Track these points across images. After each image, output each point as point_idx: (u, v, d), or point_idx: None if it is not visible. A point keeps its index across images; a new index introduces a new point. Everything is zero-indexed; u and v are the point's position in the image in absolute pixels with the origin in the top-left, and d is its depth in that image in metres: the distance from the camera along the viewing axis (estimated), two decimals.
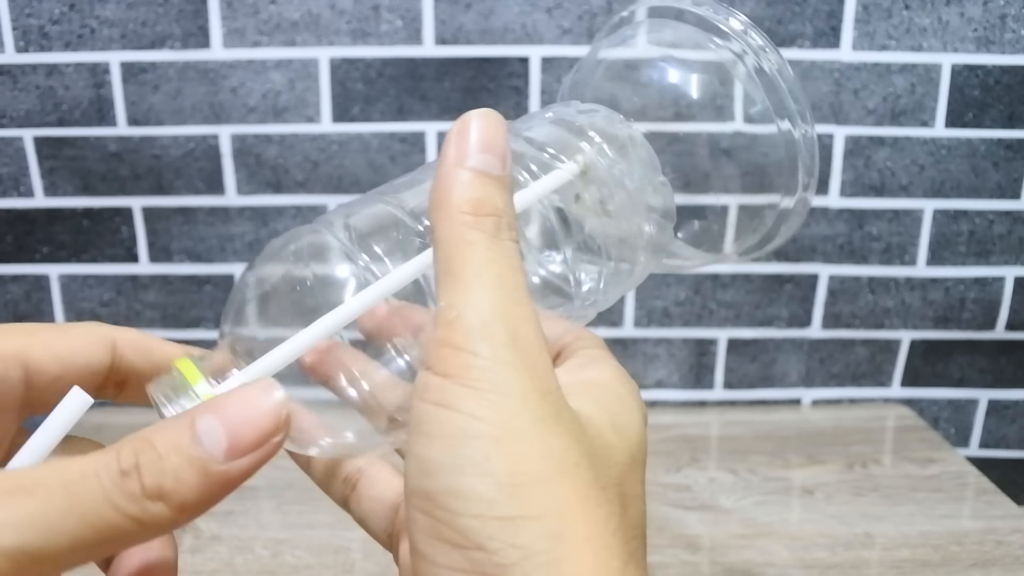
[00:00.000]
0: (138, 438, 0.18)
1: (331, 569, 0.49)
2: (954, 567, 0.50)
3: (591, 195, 0.26)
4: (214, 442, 0.18)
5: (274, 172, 0.68)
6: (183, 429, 0.18)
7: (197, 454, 0.18)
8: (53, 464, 0.17)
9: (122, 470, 0.17)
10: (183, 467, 0.17)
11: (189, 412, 0.18)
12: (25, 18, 0.64)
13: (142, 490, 0.17)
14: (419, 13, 0.65)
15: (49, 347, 0.22)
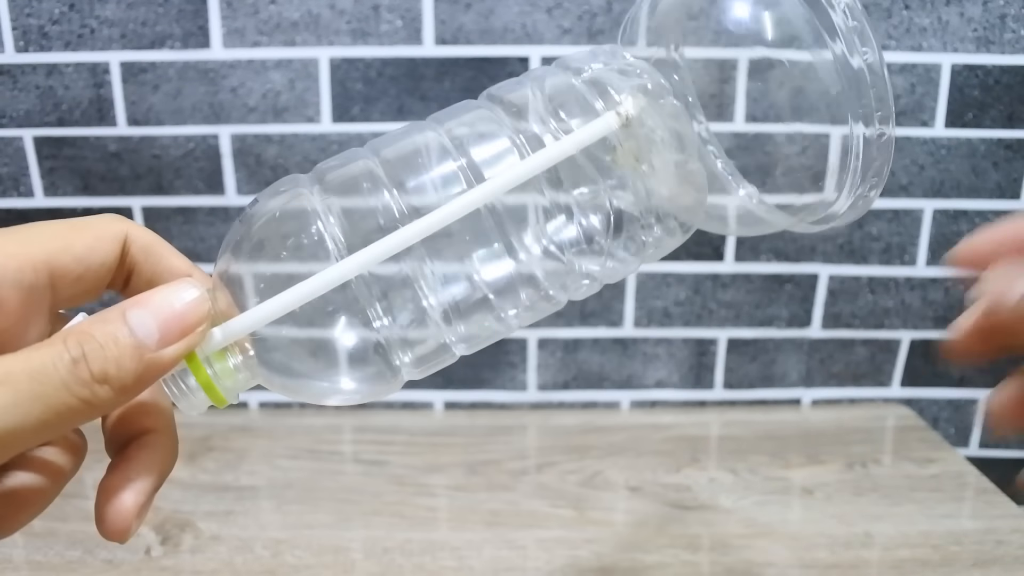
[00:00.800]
0: (77, 331, 0.20)
1: (331, 569, 0.49)
2: (954, 567, 0.50)
3: (629, 147, 0.26)
4: (147, 333, 0.21)
5: (274, 172, 0.68)
6: (117, 322, 0.21)
7: (133, 342, 0.21)
8: (17, 356, 0.19)
9: (72, 359, 0.20)
10: (123, 355, 0.20)
11: (120, 305, 0.21)
12: (25, 18, 0.64)
13: (91, 375, 0.20)
14: (419, 13, 0.65)
15: (70, 250, 0.24)
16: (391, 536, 0.53)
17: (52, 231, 0.24)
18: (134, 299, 0.22)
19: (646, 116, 0.26)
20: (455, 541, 0.52)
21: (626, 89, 0.26)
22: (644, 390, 0.74)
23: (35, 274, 0.23)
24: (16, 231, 0.23)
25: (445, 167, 0.26)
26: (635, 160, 0.26)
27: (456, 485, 0.60)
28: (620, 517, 0.56)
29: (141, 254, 0.25)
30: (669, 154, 0.26)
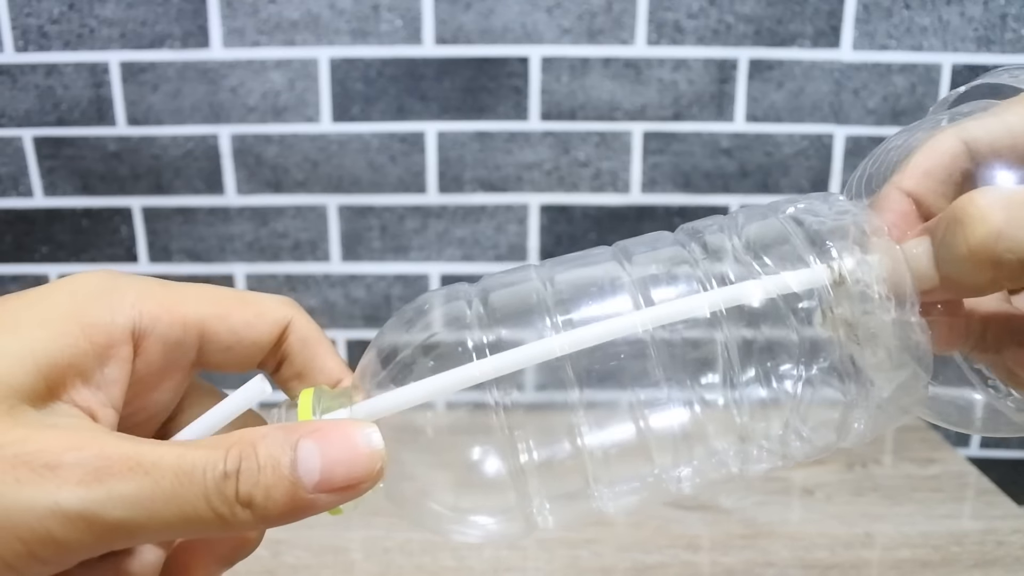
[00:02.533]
0: (245, 442, 0.19)
1: (331, 569, 0.49)
2: (954, 567, 0.50)
3: (843, 312, 0.22)
4: (309, 472, 0.19)
5: (274, 172, 0.68)
6: (285, 449, 0.19)
7: (291, 478, 0.19)
8: (174, 449, 0.19)
9: (225, 472, 0.19)
10: (276, 485, 0.19)
11: (295, 431, 0.20)
12: (24, 18, 0.64)
13: (236, 495, 0.19)
14: (419, 13, 0.65)
15: (226, 320, 0.23)
16: (391, 536, 0.53)
17: (215, 296, 0.23)
18: (313, 429, 0.20)
19: (869, 280, 0.22)
20: (455, 541, 0.52)
21: (848, 243, 0.22)
22: None
23: (184, 333, 0.22)
24: (181, 287, 0.23)
25: (614, 293, 0.23)
26: (846, 329, 0.22)
27: None
28: (620, 517, 0.56)
29: (298, 344, 0.24)
30: (890, 340, 0.22)
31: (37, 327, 0.20)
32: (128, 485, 0.18)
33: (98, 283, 0.21)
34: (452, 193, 0.69)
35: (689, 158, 0.69)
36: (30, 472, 0.17)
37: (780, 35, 0.66)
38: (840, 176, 0.69)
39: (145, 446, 0.19)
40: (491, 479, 0.22)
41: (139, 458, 0.18)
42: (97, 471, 0.18)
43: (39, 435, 0.18)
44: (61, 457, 0.18)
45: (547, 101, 0.67)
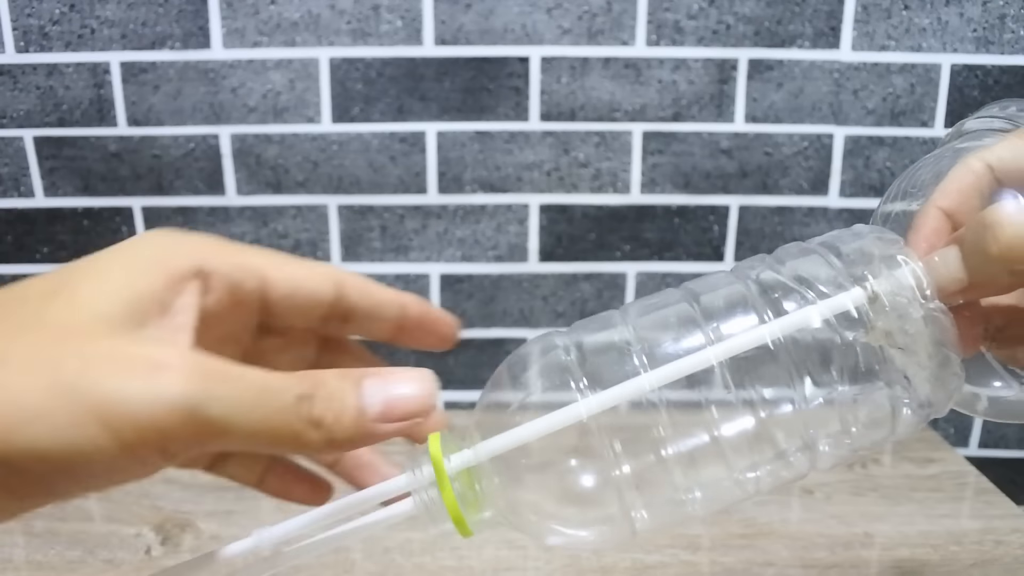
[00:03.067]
0: (317, 376, 0.22)
1: (331, 569, 0.49)
2: (953, 567, 0.50)
3: (882, 324, 0.26)
4: (373, 403, 0.23)
5: (274, 172, 0.68)
6: (352, 383, 0.23)
7: (358, 405, 0.22)
8: (256, 370, 0.21)
9: (299, 395, 0.21)
10: (344, 412, 0.22)
11: (359, 372, 0.23)
12: (25, 18, 0.64)
13: (309, 416, 0.21)
14: (419, 13, 0.65)
15: (283, 269, 0.25)
16: (391, 536, 0.53)
17: (272, 253, 0.26)
18: (375, 370, 0.23)
19: (898, 292, 0.26)
20: (455, 541, 0.52)
21: (876, 264, 0.26)
22: None
23: (244, 274, 0.25)
24: (242, 245, 0.25)
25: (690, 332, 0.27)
26: (887, 338, 0.26)
27: None
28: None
29: (356, 294, 0.27)
30: (925, 339, 0.26)
31: (122, 271, 0.22)
32: (223, 387, 0.20)
33: (167, 235, 0.24)
34: (452, 193, 0.69)
35: (689, 158, 0.69)
36: (142, 369, 0.20)
37: (780, 35, 0.66)
38: (839, 176, 0.69)
39: (231, 364, 0.21)
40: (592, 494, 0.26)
41: (229, 369, 0.21)
42: (198, 372, 0.20)
43: (143, 346, 0.21)
44: (166, 359, 0.20)
45: (547, 101, 0.67)
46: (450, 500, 0.25)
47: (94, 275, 0.22)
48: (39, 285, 0.22)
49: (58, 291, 0.21)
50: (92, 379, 0.19)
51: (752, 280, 0.28)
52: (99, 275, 0.22)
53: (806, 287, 0.27)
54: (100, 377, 0.19)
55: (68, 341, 0.20)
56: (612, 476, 0.26)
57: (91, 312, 0.21)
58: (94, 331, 0.20)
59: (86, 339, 0.20)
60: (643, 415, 0.26)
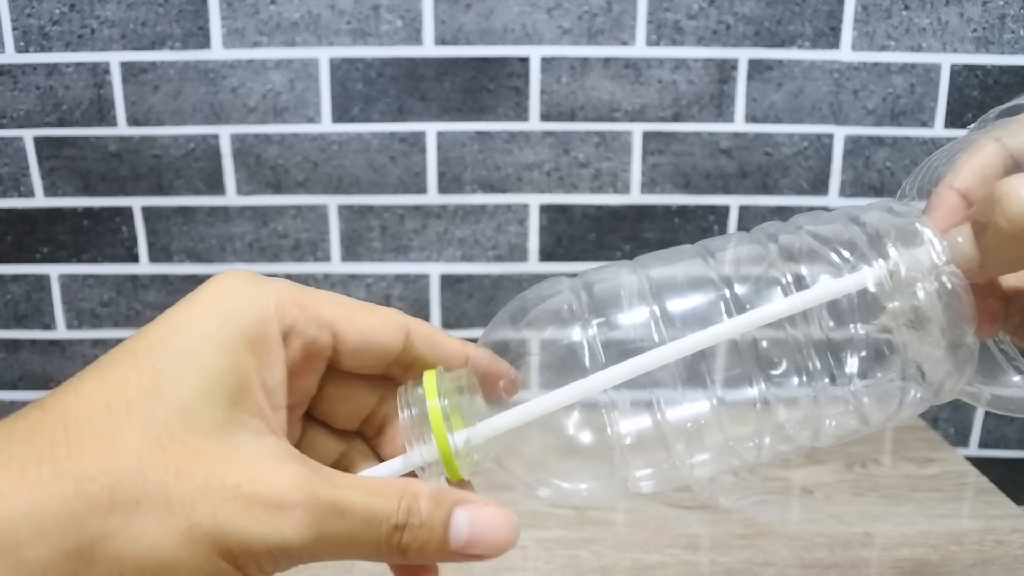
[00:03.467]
0: (414, 498, 0.23)
1: (331, 569, 0.49)
2: (953, 567, 0.50)
3: (897, 308, 0.25)
4: (459, 536, 0.24)
5: (274, 172, 0.68)
6: (443, 512, 0.23)
7: (443, 538, 0.23)
8: (362, 496, 0.22)
9: (397, 525, 0.22)
10: (430, 544, 0.23)
11: (452, 500, 0.24)
12: (25, 18, 0.64)
13: (398, 544, 0.23)
14: (419, 13, 0.65)
15: (355, 322, 0.25)
16: None
17: (343, 301, 0.26)
18: (470, 499, 0.24)
19: (918, 278, 0.25)
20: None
21: (898, 246, 0.26)
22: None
23: (319, 331, 0.25)
24: (312, 291, 0.25)
25: (709, 298, 0.27)
26: (903, 322, 0.25)
27: None
28: (620, 517, 0.56)
29: (422, 343, 0.27)
30: (939, 313, 0.25)
31: (213, 355, 0.22)
32: (336, 526, 0.21)
33: (243, 289, 0.24)
34: (452, 193, 0.69)
35: (689, 158, 0.69)
36: (263, 511, 0.21)
37: (780, 36, 0.66)
38: (839, 176, 0.69)
39: (341, 489, 0.22)
40: (589, 452, 0.26)
41: (338, 503, 0.22)
42: (313, 515, 0.21)
43: (261, 473, 0.21)
44: (285, 497, 0.21)
45: (547, 101, 0.67)
46: (442, 441, 0.25)
47: (185, 362, 0.22)
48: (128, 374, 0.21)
49: (157, 388, 0.21)
50: (222, 523, 0.20)
51: (774, 246, 0.27)
52: (191, 362, 0.22)
53: (826, 254, 0.26)
54: (231, 521, 0.20)
55: (193, 467, 0.20)
56: (609, 436, 0.26)
57: (202, 419, 0.21)
58: (212, 447, 0.21)
59: (208, 463, 0.21)
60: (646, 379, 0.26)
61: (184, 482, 0.20)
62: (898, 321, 0.25)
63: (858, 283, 0.25)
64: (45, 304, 0.71)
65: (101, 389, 0.21)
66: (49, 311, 0.72)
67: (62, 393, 0.21)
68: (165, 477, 0.20)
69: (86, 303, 0.71)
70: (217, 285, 0.24)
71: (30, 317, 0.72)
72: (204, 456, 0.21)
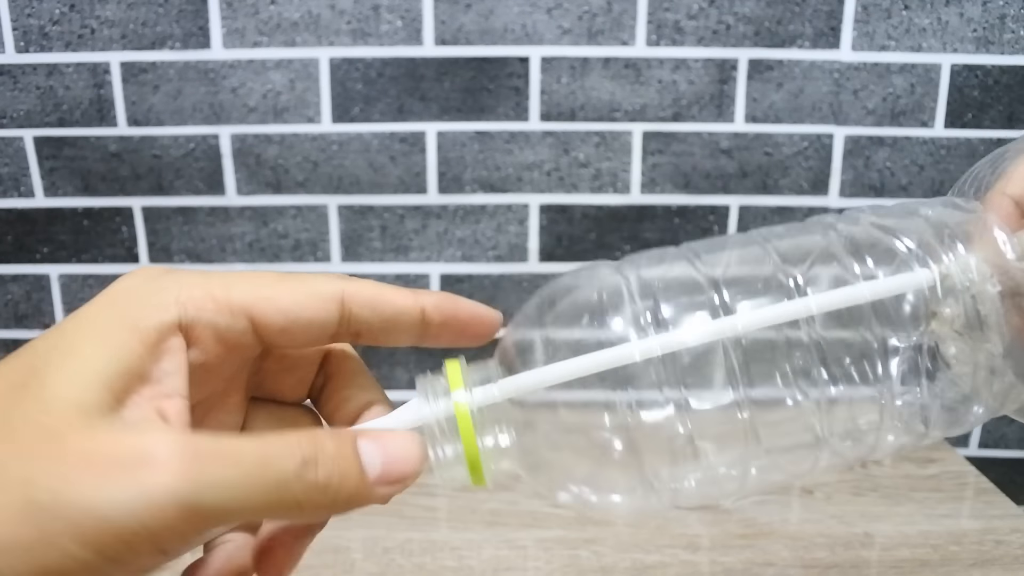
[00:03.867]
0: (312, 436, 0.21)
1: (331, 569, 0.49)
2: (953, 567, 0.50)
3: (950, 314, 0.24)
4: (372, 465, 0.22)
5: (274, 172, 0.68)
6: (348, 443, 0.22)
7: (359, 467, 0.22)
8: (252, 440, 0.20)
9: (304, 459, 0.20)
10: (348, 474, 0.21)
11: (351, 432, 0.22)
12: (25, 18, 0.64)
13: (315, 481, 0.20)
14: (419, 13, 0.65)
15: (275, 302, 0.23)
16: (391, 536, 0.53)
17: (265, 282, 0.24)
18: (365, 431, 0.23)
19: (974, 284, 0.23)
20: (455, 541, 0.52)
21: (954, 247, 0.24)
22: None
23: (232, 318, 0.23)
24: (227, 276, 0.24)
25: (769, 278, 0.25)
26: (956, 330, 0.24)
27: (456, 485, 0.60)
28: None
29: (362, 309, 0.25)
30: (998, 311, 0.23)
31: (93, 345, 0.21)
32: (217, 470, 0.19)
33: (141, 286, 0.23)
34: (452, 193, 0.69)
35: (689, 158, 0.69)
36: (123, 469, 0.18)
37: (780, 36, 0.66)
38: (839, 176, 0.69)
39: (224, 440, 0.20)
40: (615, 464, 0.25)
41: (223, 449, 0.19)
42: (187, 459, 0.19)
43: (124, 439, 0.19)
44: (150, 450, 0.19)
45: (547, 101, 0.67)
46: (470, 443, 0.24)
47: (63, 356, 0.20)
48: (6, 376, 0.20)
49: (27, 383, 0.20)
50: (68, 495, 0.18)
51: (835, 234, 0.25)
52: (68, 356, 0.20)
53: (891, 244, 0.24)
54: (77, 490, 0.18)
55: (40, 449, 0.19)
56: (635, 440, 0.24)
57: (64, 404, 0.19)
58: (69, 429, 0.19)
59: (60, 442, 0.19)
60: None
61: (26, 464, 0.18)
62: (949, 328, 0.24)
63: (918, 282, 0.23)
64: (45, 304, 0.71)
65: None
66: (49, 311, 0.72)
67: None
68: (7, 451, 0.19)
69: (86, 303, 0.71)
70: (118, 284, 0.23)
71: (30, 317, 0.72)
72: (57, 436, 0.19)
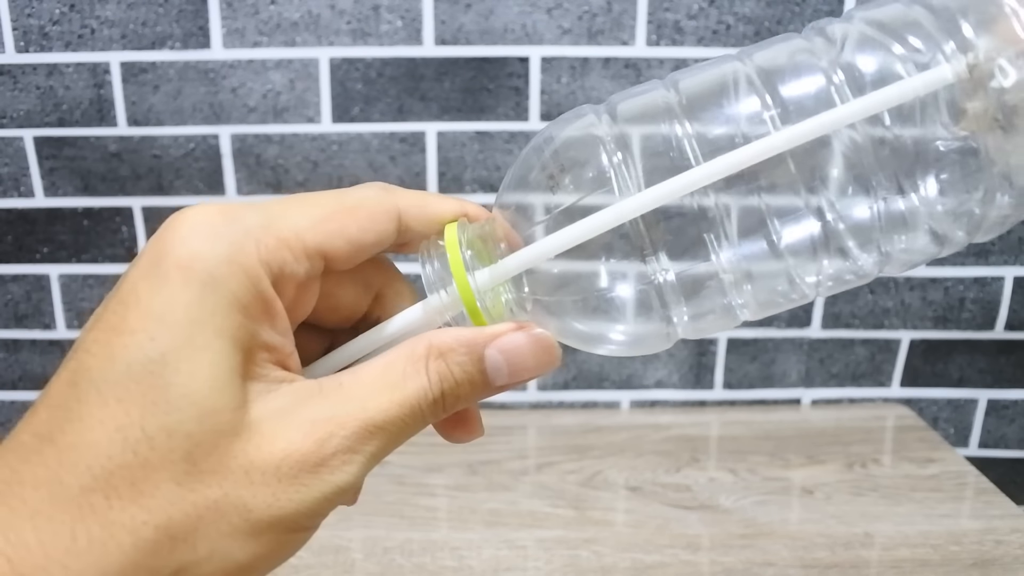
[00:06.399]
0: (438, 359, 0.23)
1: (331, 569, 0.49)
2: (953, 567, 0.50)
3: (978, 109, 0.21)
4: (498, 376, 0.23)
5: (274, 172, 0.68)
6: (475, 359, 0.23)
7: (484, 384, 0.23)
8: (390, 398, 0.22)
9: (434, 399, 0.23)
10: (473, 392, 0.23)
11: (480, 343, 0.23)
12: (25, 18, 0.64)
13: (443, 410, 0.23)
14: (419, 13, 0.65)
15: (343, 235, 0.23)
16: (391, 536, 0.53)
17: (324, 215, 0.23)
18: (496, 332, 0.23)
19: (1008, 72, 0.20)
20: (455, 541, 0.52)
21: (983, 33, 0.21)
22: (644, 390, 0.74)
23: (310, 263, 0.23)
24: (285, 211, 0.23)
25: (751, 106, 0.23)
26: (989, 124, 0.21)
27: (456, 485, 0.60)
28: (620, 517, 0.56)
29: (415, 220, 0.26)
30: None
31: (212, 339, 0.20)
32: (375, 444, 0.22)
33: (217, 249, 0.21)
34: (452, 193, 0.69)
35: None
36: (310, 476, 0.21)
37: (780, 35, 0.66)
38: None
39: (369, 404, 0.22)
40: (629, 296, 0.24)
41: (370, 423, 0.22)
42: (352, 449, 0.21)
43: (292, 443, 0.21)
44: (322, 453, 0.21)
45: (547, 101, 0.67)
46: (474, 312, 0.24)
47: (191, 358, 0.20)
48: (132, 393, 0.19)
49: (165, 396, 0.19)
50: (282, 509, 0.21)
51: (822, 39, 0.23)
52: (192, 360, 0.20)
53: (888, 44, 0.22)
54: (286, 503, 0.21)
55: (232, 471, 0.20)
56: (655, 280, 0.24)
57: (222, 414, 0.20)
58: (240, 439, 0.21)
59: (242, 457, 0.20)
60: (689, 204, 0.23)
61: (228, 489, 0.20)
62: (981, 124, 0.21)
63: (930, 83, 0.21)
64: (45, 304, 0.71)
65: (107, 413, 0.19)
66: (49, 311, 0.72)
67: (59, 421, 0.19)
68: (209, 493, 0.20)
69: (86, 303, 0.71)
70: (187, 246, 0.21)
71: (30, 317, 0.72)
72: (238, 454, 0.20)
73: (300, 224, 0.23)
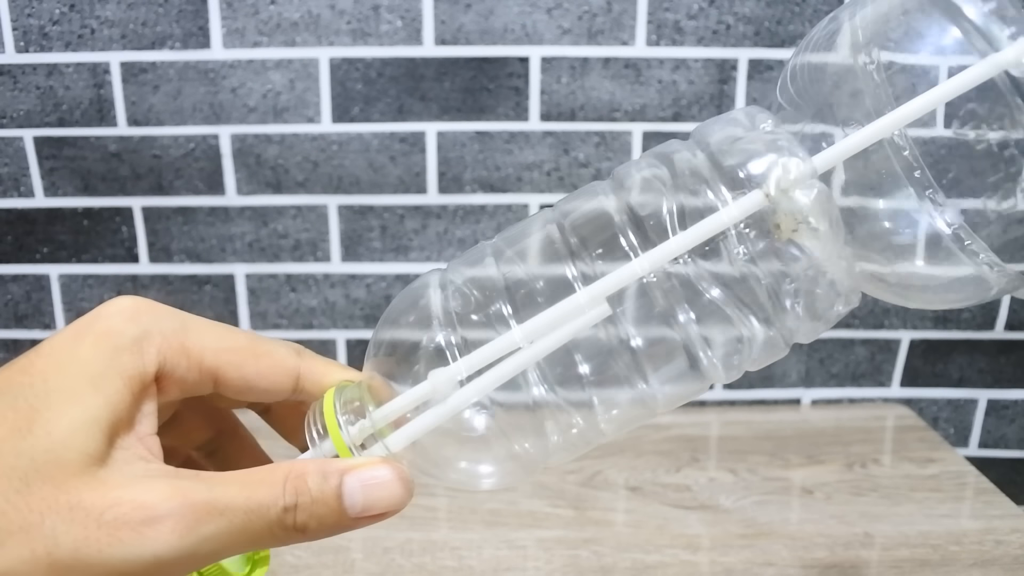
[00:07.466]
0: (297, 475, 0.23)
1: (331, 569, 0.49)
2: (953, 567, 0.50)
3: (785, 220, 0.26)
4: (353, 504, 0.24)
5: (274, 172, 0.68)
6: (333, 483, 0.24)
7: (340, 510, 0.24)
8: (239, 489, 0.22)
9: (285, 507, 0.23)
10: (327, 516, 0.23)
11: (339, 469, 0.24)
12: (25, 18, 0.64)
13: (294, 525, 0.23)
14: (419, 13, 0.65)
15: (240, 370, 0.26)
16: (391, 536, 0.53)
17: (232, 346, 0.26)
18: (351, 467, 0.24)
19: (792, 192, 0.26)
20: (455, 541, 0.52)
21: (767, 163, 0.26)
22: None
23: (200, 377, 0.25)
24: (200, 331, 0.25)
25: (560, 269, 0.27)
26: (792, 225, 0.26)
27: None
28: (620, 517, 0.56)
29: (312, 386, 0.27)
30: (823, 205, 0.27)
31: (92, 392, 0.22)
32: (213, 527, 0.22)
33: (127, 328, 0.24)
34: (452, 193, 0.69)
35: None
36: (131, 532, 0.21)
37: (780, 35, 0.66)
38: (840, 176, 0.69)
39: (217, 488, 0.22)
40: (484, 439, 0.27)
41: (215, 503, 0.22)
42: (186, 521, 0.21)
43: (127, 494, 0.21)
44: (153, 511, 0.21)
45: (547, 101, 0.67)
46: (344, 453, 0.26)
47: (65, 402, 0.22)
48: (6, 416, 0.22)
49: (31, 427, 0.21)
50: (87, 554, 0.20)
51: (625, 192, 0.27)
52: (70, 402, 0.22)
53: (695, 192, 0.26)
54: (96, 549, 0.20)
55: (57, 503, 0.21)
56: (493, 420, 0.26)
57: (73, 456, 0.21)
58: (82, 485, 0.21)
59: (75, 496, 0.21)
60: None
61: (47, 519, 0.20)
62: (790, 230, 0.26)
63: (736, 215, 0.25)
64: (45, 304, 0.71)
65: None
66: (49, 311, 0.72)
67: None
68: (29, 516, 0.20)
69: (86, 303, 0.71)
70: (105, 322, 0.24)
71: (30, 317, 0.72)
72: (70, 490, 0.21)
73: (207, 344, 0.25)
